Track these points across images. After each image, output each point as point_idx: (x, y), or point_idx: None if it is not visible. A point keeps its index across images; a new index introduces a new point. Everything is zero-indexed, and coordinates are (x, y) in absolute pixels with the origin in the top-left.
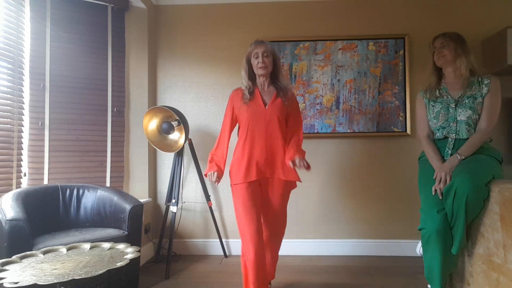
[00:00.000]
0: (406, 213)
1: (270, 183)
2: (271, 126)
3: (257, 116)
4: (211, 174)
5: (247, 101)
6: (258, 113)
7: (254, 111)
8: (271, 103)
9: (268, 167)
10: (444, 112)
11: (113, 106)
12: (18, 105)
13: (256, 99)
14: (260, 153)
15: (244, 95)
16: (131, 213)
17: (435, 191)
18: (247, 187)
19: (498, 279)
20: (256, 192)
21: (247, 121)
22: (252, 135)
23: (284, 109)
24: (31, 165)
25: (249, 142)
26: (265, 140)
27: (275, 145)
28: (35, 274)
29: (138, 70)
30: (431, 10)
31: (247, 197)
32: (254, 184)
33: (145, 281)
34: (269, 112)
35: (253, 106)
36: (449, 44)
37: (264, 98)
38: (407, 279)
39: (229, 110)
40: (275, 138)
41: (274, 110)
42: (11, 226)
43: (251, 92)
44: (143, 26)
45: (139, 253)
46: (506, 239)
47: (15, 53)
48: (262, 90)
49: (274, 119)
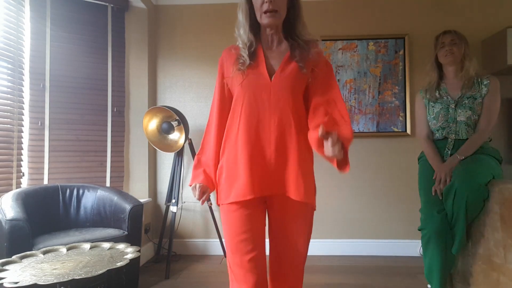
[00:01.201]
0: (406, 213)
1: (281, 203)
2: (279, 108)
3: (257, 93)
4: (194, 187)
5: (244, 67)
6: (259, 88)
7: (252, 83)
8: (280, 70)
9: (276, 177)
10: (443, 112)
11: (113, 106)
12: (18, 105)
13: (257, 65)
14: (263, 154)
15: (240, 56)
16: (131, 213)
17: (435, 191)
18: (242, 209)
19: (498, 279)
20: (257, 218)
21: (241, 100)
22: (249, 123)
23: (302, 80)
24: (31, 165)
25: (244, 136)
26: (271, 132)
27: (286, 140)
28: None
29: (138, 70)
30: (431, 10)
31: (241, 227)
32: (255, 205)
33: (145, 281)
34: (275, 86)
35: (251, 77)
36: (460, 42)
37: (271, 62)
38: (407, 279)
39: (219, 84)
40: (286, 129)
41: (285, 83)
42: (11, 226)
43: (252, 52)
44: (143, 26)
45: (139, 253)
46: (506, 239)
47: (15, 53)
48: (268, 50)
49: (284, 97)
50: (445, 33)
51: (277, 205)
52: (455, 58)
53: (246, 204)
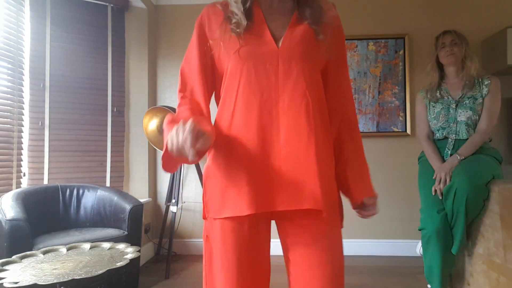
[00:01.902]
0: (406, 213)
1: (297, 220)
2: (290, 86)
3: (259, 65)
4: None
5: (240, 29)
6: (262, 58)
7: (253, 52)
8: (290, 34)
9: (287, 182)
10: (444, 112)
11: (113, 106)
12: (18, 105)
13: (256, 27)
14: (268, 148)
15: (232, 15)
16: (131, 213)
17: (435, 191)
18: (238, 229)
19: (498, 279)
20: (260, 243)
21: (238, 76)
22: (248, 107)
23: (319, 50)
24: (31, 165)
25: (241, 124)
26: (279, 118)
27: (301, 128)
28: (35, 274)
29: (138, 70)
30: (431, 10)
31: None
32: (256, 224)
33: (145, 281)
34: (285, 53)
35: (251, 43)
36: (460, 43)
37: (272, 24)
38: (407, 279)
39: (197, 50)
40: (301, 113)
41: (298, 50)
42: (11, 226)
43: (246, 9)
44: (143, 26)
45: (139, 253)
46: (506, 239)
47: (15, 53)
48: (268, 8)
49: (298, 70)
50: (445, 33)
51: (292, 223)
52: (456, 58)
53: (243, 223)
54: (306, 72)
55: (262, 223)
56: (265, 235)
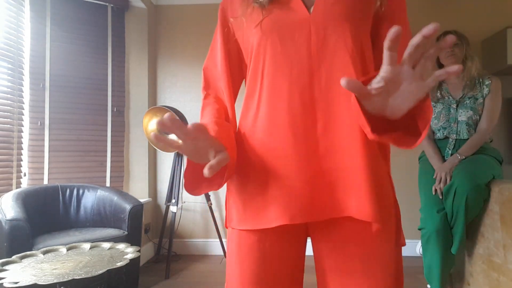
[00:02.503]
0: (406, 213)
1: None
2: (328, 59)
3: (286, 37)
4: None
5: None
6: (290, 28)
7: (278, 23)
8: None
9: (326, 184)
10: (445, 112)
11: (113, 106)
12: (18, 105)
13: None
14: (301, 144)
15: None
16: (131, 213)
17: (435, 191)
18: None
19: (498, 279)
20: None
21: (262, 54)
22: (275, 92)
23: (366, 5)
24: (31, 165)
25: (268, 114)
26: (315, 103)
27: (342, 116)
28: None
29: (138, 70)
30: (431, 10)
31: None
32: (289, 237)
33: (145, 281)
34: (319, 18)
35: (276, 13)
36: (461, 43)
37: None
38: (407, 279)
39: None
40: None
41: (336, 10)
42: (11, 226)
43: None
44: (143, 26)
45: (139, 253)
46: (506, 239)
47: (15, 53)
48: None
49: (338, 37)
50: (446, 33)
51: (330, 238)
52: (456, 59)
53: (268, 236)
54: (349, 39)
55: (293, 239)
56: (295, 252)
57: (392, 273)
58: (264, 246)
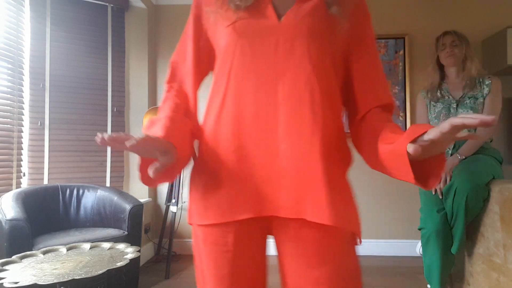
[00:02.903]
0: (406, 213)
1: (296, 233)
2: (293, 66)
3: (256, 42)
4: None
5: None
6: (261, 34)
7: (250, 27)
8: (297, 7)
9: (286, 184)
10: (445, 112)
11: (113, 106)
12: (18, 105)
13: (258, 3)
14: (262, 143)
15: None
16: (131, 213)
17: (435, 191)
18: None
19: (498, 279)
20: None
21: (231, 54)
22: (241, 93)
23: (332, 25)
24: (31, 165)
25: (232, 112)
26: (277, 106)
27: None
28: (35, 274)
29: (138, 70)
30: (431, 10)
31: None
32: (248, 231)
33: (145, 281)
34: (288, 28)
35: (248, 18)
36: (461, 43)
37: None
38: (407, 279)
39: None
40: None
41: (304, 24)
42: (11, 226)
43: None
44: (143, 26)
45: (139, 253)
46: (506, 239)
47: (15, 53)
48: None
49: (303, 48)
50: (446, 34)
51: (288, 236)
52: (456, 59)
53: (231, 230)
54: (313, 53)
55: (256, 234)
56: (257, 247)
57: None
58: (227, 242)
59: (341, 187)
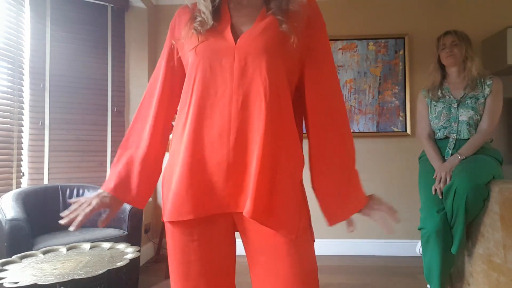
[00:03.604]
0: (406, 213)
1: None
2: (246, 84)
3: (215, 62)
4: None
5: (203, 28)
6: (219, 54)
7: (209, 48)
8: (253, 28)
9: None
10: (446, 112)
11: (113, 106)
12: (18, 105)
13: (220, 26)
14: (215, 151)
15: (199, 13)
16: (131, 213)
17: (435, 190)
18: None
19: (498, 279)
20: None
21: (194, 74)
22: (201, 107)
23: (284, 42)
24: (31, 165)
25: (192, 124)
26: (231, 119)
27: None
28: (35, 274)
29: (138, 70)
30: (431, 10)
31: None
32: (215, 226)
33: (145, 281)
34: (242, 49)
35: (210, 40)
36: (460, 43)
37: (239, 21)
38: (407, 279)
39: (166, 51)
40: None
41: (256, 44)
42: (11, 226)
43: (215, 6)
44: (143, 26)
45: (139, 253)
46: (506, 239)
47: (15, 53)
48: (237, 6)
49: (255, 66)
50: (446, 34)
51: (241, 229)
52: (456, 59)
53: (195, 226)
54: (264, 69)
55: (221, 229)
56: (224, 240)
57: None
58: (192, 232)
59: (281, 187)
